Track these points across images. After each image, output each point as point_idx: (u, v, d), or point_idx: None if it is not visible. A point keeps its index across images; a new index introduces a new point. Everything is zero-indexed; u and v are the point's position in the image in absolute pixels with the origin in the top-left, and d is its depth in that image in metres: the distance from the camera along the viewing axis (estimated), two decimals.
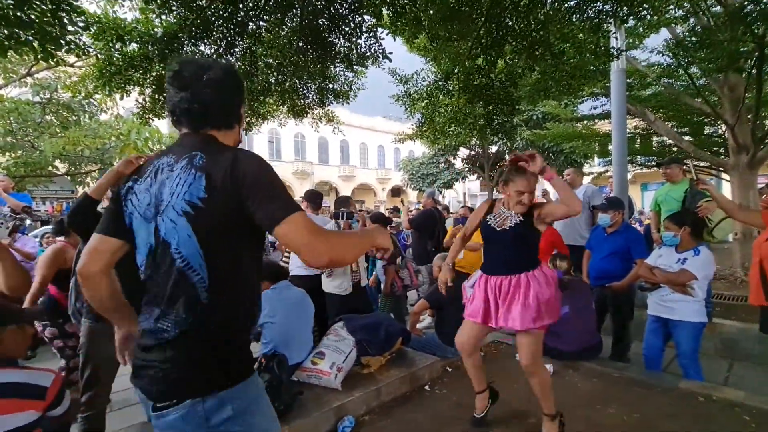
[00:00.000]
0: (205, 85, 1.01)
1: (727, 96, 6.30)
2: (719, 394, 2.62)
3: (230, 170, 0.94)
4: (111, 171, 2.05)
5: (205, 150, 1.00)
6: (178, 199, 0.95)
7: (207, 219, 0.94)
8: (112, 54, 3.59)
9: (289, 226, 0.92)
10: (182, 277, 0.96)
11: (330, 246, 0.94)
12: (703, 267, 2.82)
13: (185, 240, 0.95)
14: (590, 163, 16.62)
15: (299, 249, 0.92)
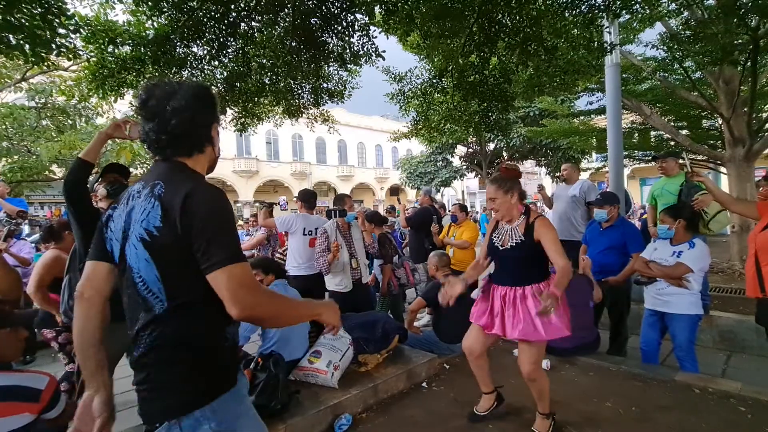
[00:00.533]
0: (171, 114, 1.02)
1: (723, 89, 6.31)
2: (715, 386, 2.62)
3: (182, 204, 0.95)
4: (100, 133, 2.07)
5: (166, 179, 1.01)
6: (138, 226, 0.99)
7: (162, 247, 0.96)
8: (105, 57, 3.58)
9: (223, 275, 0.92)
10: (144, 300, 0.99)
11: (257, 302, 0.95)
12: (698, 259, 2.83)
13: (144, 265, 0.98)
14: (588, 159, 16.61)
15: (226, 298, 0.92)
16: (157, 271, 0.97)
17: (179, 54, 3.79)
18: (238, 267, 0.94)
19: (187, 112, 1.03)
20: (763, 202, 2.77)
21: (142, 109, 1.05)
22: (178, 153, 1.07)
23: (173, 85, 1.07)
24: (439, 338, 3.44)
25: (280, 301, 1.07)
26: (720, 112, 6.32)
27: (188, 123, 1.04)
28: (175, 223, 0.94)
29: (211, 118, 1.11)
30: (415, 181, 21.42)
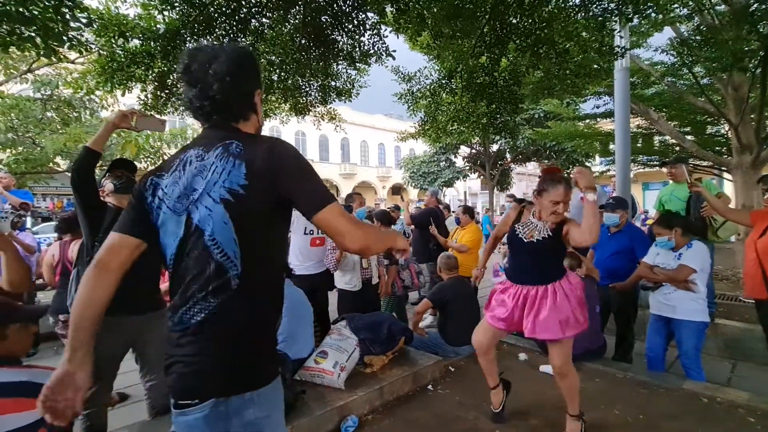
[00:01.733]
0: (213, 79, 0.99)
1: (731, 95, 6.28)
2: (723, 396, 2.61)
3: (268, 158, 0.96)
4: (107, 123, 2.05)
5: (240, 138, 1.01)
6: (216, 186, 0.95)
7: (246, 206, 0.95)
8: (114, 50, 3.57)
9: (331, 212, 0.97)
10: (214, 264, 0.95)
11: (364, 234, 1.00)
12: (698, 258, 2.84)
13: (221, 227, 0.95)
14: (591, 162, 16.60)
15: (340, 233, 0.97)
16: (235, 234, 0.95)
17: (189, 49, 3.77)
18: (336, 204, 0.99)
19: (229, 78, 1.00)
20: (756, 211, 2.95)
21: (185, 74, 1.02)
22: (225, 119, 1.05)
23: (216, 50, 1.03)
24: (445, 340, 3.43)
25: (376, 232, 1.11)
26: (728, 118, 6.30)
27: (230, 89, 1.01)
28: (261, 179, 0.95)
29: (254, 85, 1.08)
30: (418, 180, 21.41)
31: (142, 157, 10.31)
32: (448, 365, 3.23)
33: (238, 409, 0.94)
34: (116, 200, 2.27)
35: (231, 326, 0.96)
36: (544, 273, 2.16)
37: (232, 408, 0.94)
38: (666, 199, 4.30)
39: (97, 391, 2.21)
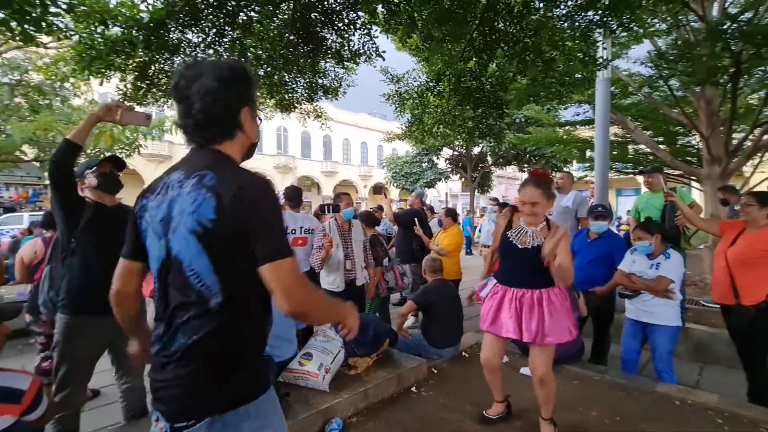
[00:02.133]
0: (194, 98, 0.98)
1: (704, 108, 6.55)
2: (693, 398, 2.72)
3: (238, 199, 0.93)
4: (91, 115, 1.97)
5: (216, 169, 0.97)
6: (188, 217, 0.95)
7: (216, 239, 0.94)
8: (94, 38, 3.41)
9: (279, 267, 0.92)
10: (196, 293, 0.96)
11: (306, 298, 0.95)
12: (676, 269, 2.97)
13: (196, 258, 0.95)
14: (569, 167, 17.04)
15: (279, 289, 0.91)
16: (210, 263, 0.95)
17: (173, 39, 3.65)
18: (290, 261, 0.94)
19: (210, 96, 0.98)
20: (724, 222, 3.10)
21: (173, 91, 1.02)
22: (209, 140, 1.03)
23: (203, 66, 1.01)
24: (429, 342, 3.45)
25: (322, 298, 1.04)
26: (700, 130, 6.57)
27: (211, 107, 0.98)
28: (229, 216, 0.92)
29: (241, 102, 1.04)
30: (400, 180, 21.49)
31: (117, 148, 9.93)
32: (431, 367, 3.26)
33: (234, 424, 0.97)
34: (95, 196, 2.18)
35: (218, 349, 0.97)
36: (538, 279, 2.17)
37: (228, 423, 0.97)
38: (642, 207, 4.45)
39: (71, 394, 2.12)
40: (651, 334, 3.04)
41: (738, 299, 2.66)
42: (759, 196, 2.70)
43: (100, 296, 2.09)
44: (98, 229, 2.11)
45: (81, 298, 2.08)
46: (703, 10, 5.73)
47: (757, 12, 5.37)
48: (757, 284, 2.60)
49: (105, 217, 2.15)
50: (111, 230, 2.16)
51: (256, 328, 1.05)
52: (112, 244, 2.13)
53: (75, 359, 2.11)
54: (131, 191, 2.97)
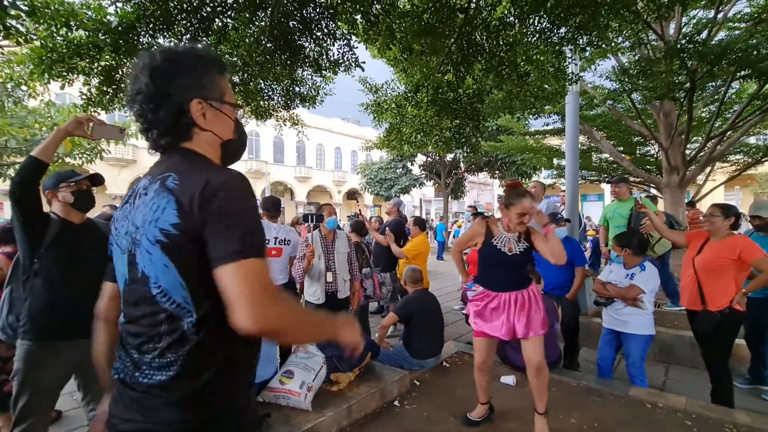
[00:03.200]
0: (135, 99, 0.88)
1: (663, 121, 6.97)
2: (663, 401, 2.85)
3: (199, 195, 0.80)
4: (59, 130, 1.81)
5: (180, 170, 0.86)
6: (151, 226, 0.83)
7: (182, 247, 0.81)
8: (56, 40, 3.21)
9: (238, 269, 0.76)
10: (165, 315, 0.83)
11: (276, 310, 0.77)
12: (649, 281, 3.11)
13: (163, 272, 0.83)
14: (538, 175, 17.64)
15: (237, 298, 0.74)
16: (180, 277, 0.82)
17: (143, 44, 3.50)
18: (253, 262, 0.77)
19: (146, 97, 0.86)
20: (690, 232, 3.30)
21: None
22: (161, 145, 0.91)
23: (140, 63, 0.88)
24: (410, 353, 3.45)
25: (300, 312, 0.87)
26: (659, 141, 6.98)
27: (149, 110, 0.87)
28: (193, 218, 0.80)
29: (183, 96, 0.88)
30: (375, 186, 21.51)
31: (77, 153, 9.40)
32: (414, 378, 3.25)
33: None
34: (65, 211, 2.03)
35: (190, 388, 0.83)
36: (522, 281, 2.42)
37: None
38: (610, 216, 4.66)
39: (32, 427, 1.96)
40: (625, 342, 3.18)
41: (705, 305, 2.82)
42: (722, 208, 2.87)
43: (66, 320, 1.98)
44: (64, 247, 1.97)
45: (45, 322, 1.93)
46: (662, 29, 6.11)
47: (710, 32, 5.78)
48: (722, 291, 2.77)
49: (72, 235, 2.01)
50: (78, 249, 2.02)
51: (241, 355, 0.88)
52: (80, 263, 2.02)
53: (37, 389, 1.95)
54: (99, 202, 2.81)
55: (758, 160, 8.14)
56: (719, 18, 5.95)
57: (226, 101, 0.95)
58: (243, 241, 0.78)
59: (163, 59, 0.87)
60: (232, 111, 0.98)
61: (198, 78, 0.90)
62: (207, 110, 0.91)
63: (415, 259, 4.65)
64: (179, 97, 0.87)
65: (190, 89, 0.89)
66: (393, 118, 5.60)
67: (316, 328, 0.91)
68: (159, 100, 0.86)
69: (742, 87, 7.40)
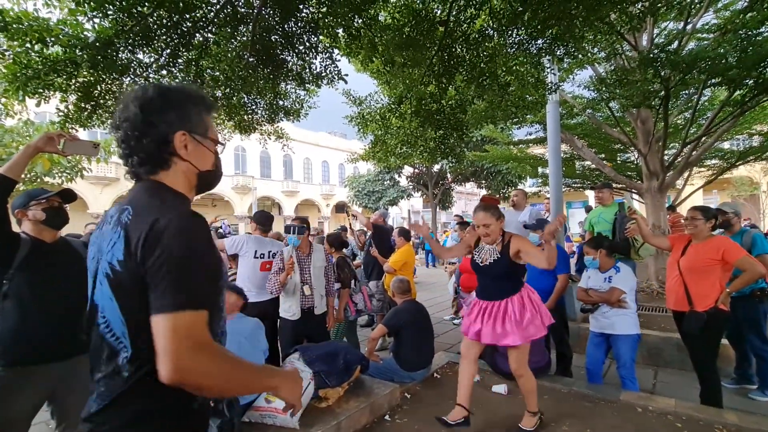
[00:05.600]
0: (121, 123, 0.91)
1: (640, 128, 7.16)
2: (654, 404, 2.85)
3: (144, 238, 0.80)
4: (27, 146, 1.76)
5: (137, 204, 0.88)
6: (104, 258, 0.86)
7: (124, 285, 0.83)
8: (30, 57, 3.15)
9: (166, 322, 0.76)
10: (107, 345, 0.85)
11: (199, 369, 0.76)
12: (626, 280, 3.20)
13: (109, 304, 0.85)
14: (524, 183, 17.92)
15: (162, 350, 0.75)
16: (120, 313, 0.83)
17: (122, 59, 3.46)
18: (187, 315, 0.76)
19: (130, 123, 0.90)
20: (673, 236, 3.39)
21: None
22: (141, 170, 0.93)
23: (131, 93, 0.93)
24: (400, 366, 3.39)
25: (234, 367, 0.82)
26: (638, 148, 7.16)
27: (132, 139, 0.90)
28: (136, 258, 0.80)
29: (168, 127, 0.91)
30: (363, 199, 21.52)
31: (56, 172, 9.18)
32: (404, 391, 3.19)
33: None
34: (36, 230, 1.96)
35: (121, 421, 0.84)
36: (500, 290, 2.52)
37: None
38: (595, 221, 4.72)
39: None
40: (614, 344, 3.19)
41: (692, 306, 2.86)
42: (702, 211, 2.94)
43: (38, 343, 1.89)
44: (36, 268, 1.89)
45: (16, 347, 1.85)
46: (635, 40, 6.32)
47: (680, 42, 6.00)
48: (708, 291, 2.82)
49: (44, 255, 1.94)
50: (51, 269, 1.96)
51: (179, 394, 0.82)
52: (53, 283, 1.94)
53: (8, 417, 1.84)
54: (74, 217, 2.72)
55: (732, 164, 8.40)
56: (688, 29, 6.19)
57: (209, 137, 1.00)
58: (179, 292, 0.78)
59: (154, 93, 0.92)
60: (213, 145, 1.01)
61: (186, 113, 0.95)
62: (189, 142, 0.95)
63: (401, 270, 4.62)
64: (165, 128, 0.92)
65: (176, 122, 0.93)
66: (377, 130, 5.63)
67: (250, 383, 0.88)
68: (145, 129, 0.90)
69: (714, 94, 7.67)
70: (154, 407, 0.85)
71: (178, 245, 0.80)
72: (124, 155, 0.94)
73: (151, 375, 0.81)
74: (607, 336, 3.21)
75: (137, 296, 0.81)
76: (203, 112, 0.99)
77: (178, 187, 0.95)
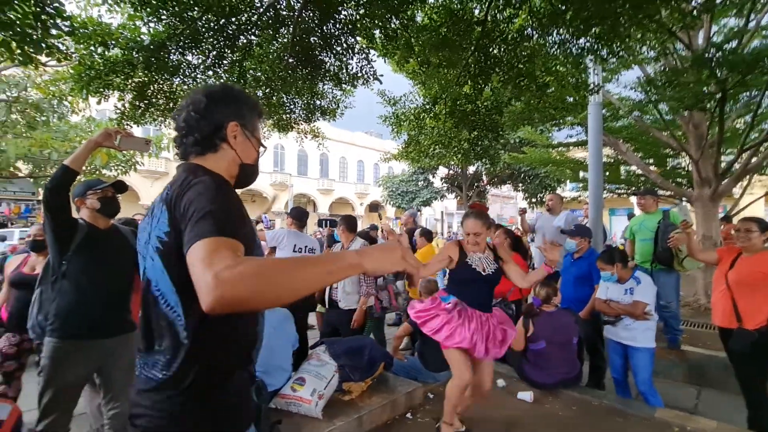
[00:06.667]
0: (185, 112, 1.04)
1: (692, 132, 6.71)
2: (693, 425, 2.68)
3: (176, 199, 0.89)
4: (89, 141, 1.96)
5: (175, 181, 0.96)
6: (153, 234, 0.94)
7: (173, 254, 0.88)
8: (94, 58, 3.45)
9: (193, 249, 0.75)
10: (163, 316, 0.92)
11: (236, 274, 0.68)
12: (648, 292, 3.09)
13: (161, 276, 0.92)
14: (563, 188, 17.26)
15: (196, 277, 0.72)
16: (171, 283, 0.90)
17: (173, 61, 3.71)
18: (217, 240, 0.75)
19: (195, 108, 1.02)
20: (721, 248, 3.15)
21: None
22: (188, 153, 1.04)
23: (206, 85, 1.10)
24: (424, 366, 3.40)
25: (278, 263, 0.74)
26: (689, 153, 6.71)
27: (192, 120, 1.02)
28: (176, 221, 0.87)
29: (224, 116, 1.03)
30: (396, 199, 21.56)
31: (113, 165, 9.91)
32: (427, 391, 3.20)
33: None
34: (91, 217, 2.16)
35: (184, 384, 0.91)
36: (490, 302, 2.49)
37: None
38: (636, 229, 4.49)
39: (56, 422, 2.04)
40: (631, 356, 3.10)
41: (740, 322, 2.67)
42: (759, 223, 2.74)
43: (90, 320, 2.08)
44: (90, 251, 2.08)
45: (70, 322, 2.04)
46: (689, 39, 5.94)
47: (740, 41, 5.57)
48: (759, 307, 2.62)
49: (97, 240, 2.13)
50: (103, 253, 2.14)
51: (228, 358, 0.95)
52: (104, 266, 2.13)
53: (62, 385, 2.04)
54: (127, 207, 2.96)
55: None
56: (751, 26, 5.73)
57: (256, 136, 1.11)
58: (202, 225, 0.79)
59: (219, 87, 1.08)
60: (257, 145, 1.12)
61: (241, 110, 1.07)
62: (239, 134, 1.05)
63: None
64: (222, 116, 1.03)
65: (231, 114, 1.05)
66: (411, 130, 5.65)
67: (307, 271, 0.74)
68: (205, 113, 1.02)
69: None
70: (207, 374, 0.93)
71: (198, 193, 0.87)
72: (181, 135, 1.04)
73: (206, 343, 0.91)
74: (624, 346, 3.12)
75: (182, 261, 0.82)
76: (255, 115, 1.12)
77: (220, 171, 1.02)
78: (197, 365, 0.91)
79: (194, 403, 0.92)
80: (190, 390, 0.91)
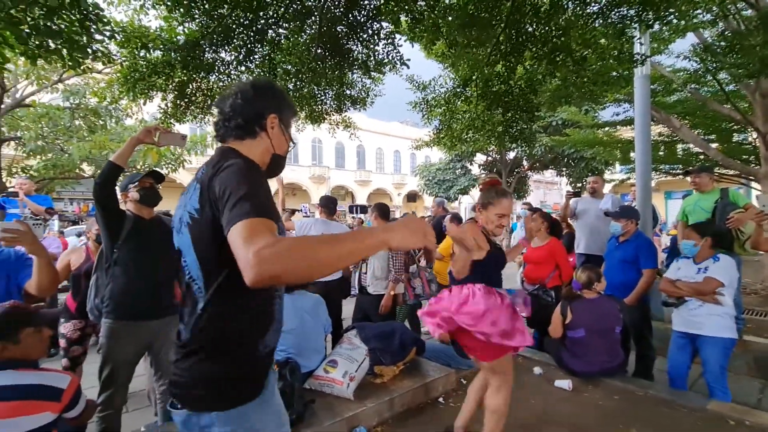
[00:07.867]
0: (230, 100, 1.11)
1: (759, 102, 6.04)
2: (753, 419, 2.47)
3: (209, 179, 0.95)
4: (132, 138, 2.14)
5: (210, 162, 1.03)
6: (185, 210, 1.02)
7: (201, 230, 0.96)
8: (137, 61, 3.69)
9: (235, 231, 0.80)
10: (188, 287, 1.03)
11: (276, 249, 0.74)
12: (725, 271, 2.73)
13: (189, 250, 1.00)
14: (611, 170, 16.22)
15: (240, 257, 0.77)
16: (196, 256, 0.98)
17: (208, 59, 3.88)
18: (255, 220, 0.81)
19: (243, 96, 1.10)
20: None
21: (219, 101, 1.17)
22: (228, 136, 1.11)
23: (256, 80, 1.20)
24: (458, 352, 3.36)
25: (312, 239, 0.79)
26: (756, 126, 6.07)
27: (238, 107, 1.09)
28: (207, 201, 0.94)
29: (266, 107, 1.12)
30: (433, 188, 21.29)
31: (164, 163, 10.59)
32: (461, 377, 3.17)
33: (205, 425, 1.00)
34: (136, 209, 2.33)
35: (199, 351, 1.00)
36: None
37: (202, 422, 1.00)
38: (690, 210, 4.14)
39: (114, 395, 2.25)
40: (701, 347, 2.79)
41: None
42: None
43: (138, 303, 2.26)
44: (136, 240, 2.25)
45: (122, 304, 2.23)
46: None
47: None
48: None
49: (142, 230, 2.29)
50: (148, 241, 2.30)
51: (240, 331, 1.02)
52: (149, 254, 2.29)
53: (118, 361, 2.24)
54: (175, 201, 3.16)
55: None
56: None
57: (289, 132, 1.21)
58: (241, 206, 0.84)
59: (264, 81, 1.20)
60: (289, 140, 1.21)
61: (280, 105, 1.17)
62: (276, 126, 1.14)
63: (447, 258, 4.55)
64: (263, 106, 1.12)
65: (272, 107, 1.14)
66: (442, 115, 5.54)
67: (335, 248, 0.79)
68: (250, 101, 1.11)
69: None
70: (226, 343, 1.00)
71: (232, 174, 0.93)
72: (224, 119, 1.11)
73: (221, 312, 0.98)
74: (693, 337, 2.81)
75: (211, 243, 0.94)
76: (291, 114, 1.22)
77: (253, 155, 1.08)
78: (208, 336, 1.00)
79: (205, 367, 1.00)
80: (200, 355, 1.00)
